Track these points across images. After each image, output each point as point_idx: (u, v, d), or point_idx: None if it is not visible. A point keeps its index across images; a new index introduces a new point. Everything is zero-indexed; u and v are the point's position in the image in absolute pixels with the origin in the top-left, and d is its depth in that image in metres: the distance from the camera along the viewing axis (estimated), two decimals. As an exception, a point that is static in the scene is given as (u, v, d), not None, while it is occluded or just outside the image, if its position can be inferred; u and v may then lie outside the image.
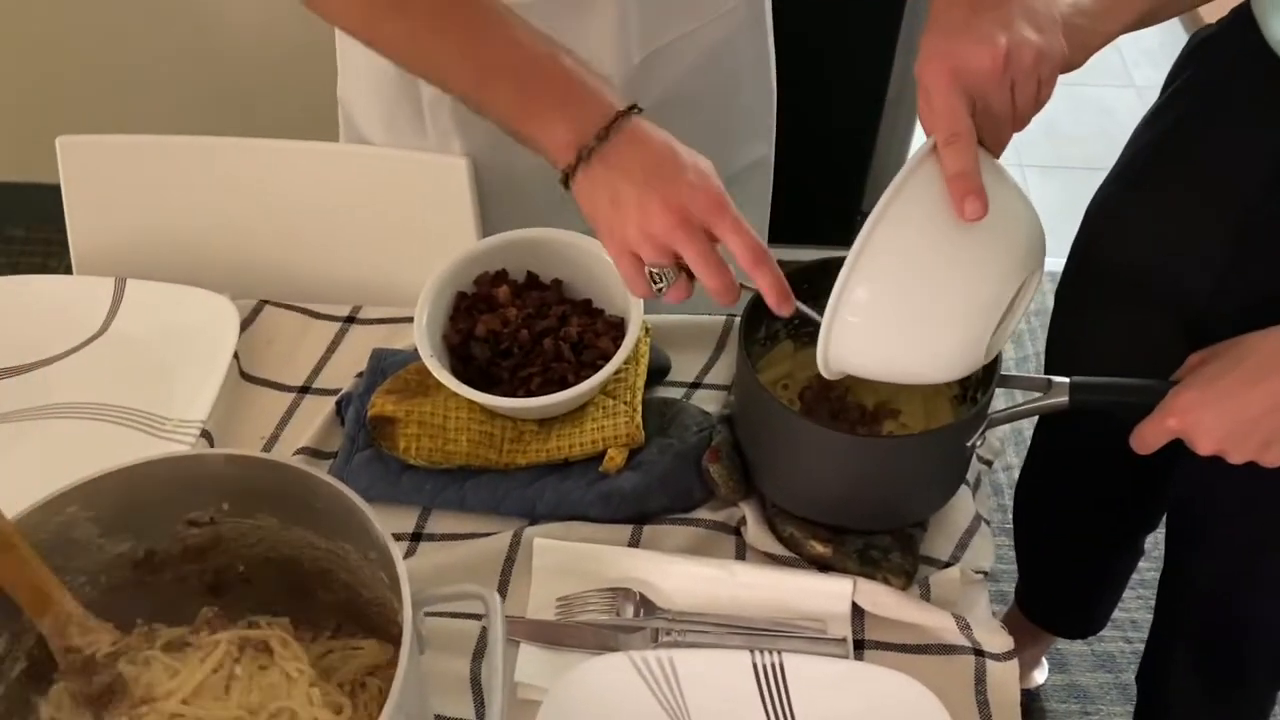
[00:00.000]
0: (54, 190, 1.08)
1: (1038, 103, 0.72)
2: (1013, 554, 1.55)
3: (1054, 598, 1.48)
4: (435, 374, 0.87)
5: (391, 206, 1.08)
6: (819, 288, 0.90)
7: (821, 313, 0.74)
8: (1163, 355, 0.87)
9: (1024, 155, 2.61)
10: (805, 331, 0.93)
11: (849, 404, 0.90)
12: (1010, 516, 1.52)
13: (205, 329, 1.00)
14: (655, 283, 0.75)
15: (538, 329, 0.91)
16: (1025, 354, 2.19)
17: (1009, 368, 0.85)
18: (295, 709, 0.67)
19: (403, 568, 0.62)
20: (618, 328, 0.92)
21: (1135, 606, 1.79)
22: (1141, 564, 1.46)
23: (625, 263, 0.75)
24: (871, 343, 0.73)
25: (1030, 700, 1.67)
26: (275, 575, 0.75)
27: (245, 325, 1.02)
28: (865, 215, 0.72)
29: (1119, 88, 2.80)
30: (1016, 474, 1.46)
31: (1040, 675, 1.67)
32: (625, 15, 0.98)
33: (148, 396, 0.97)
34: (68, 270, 1.11)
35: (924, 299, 0.71)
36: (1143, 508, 1.30)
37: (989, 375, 0.82)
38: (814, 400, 0.90)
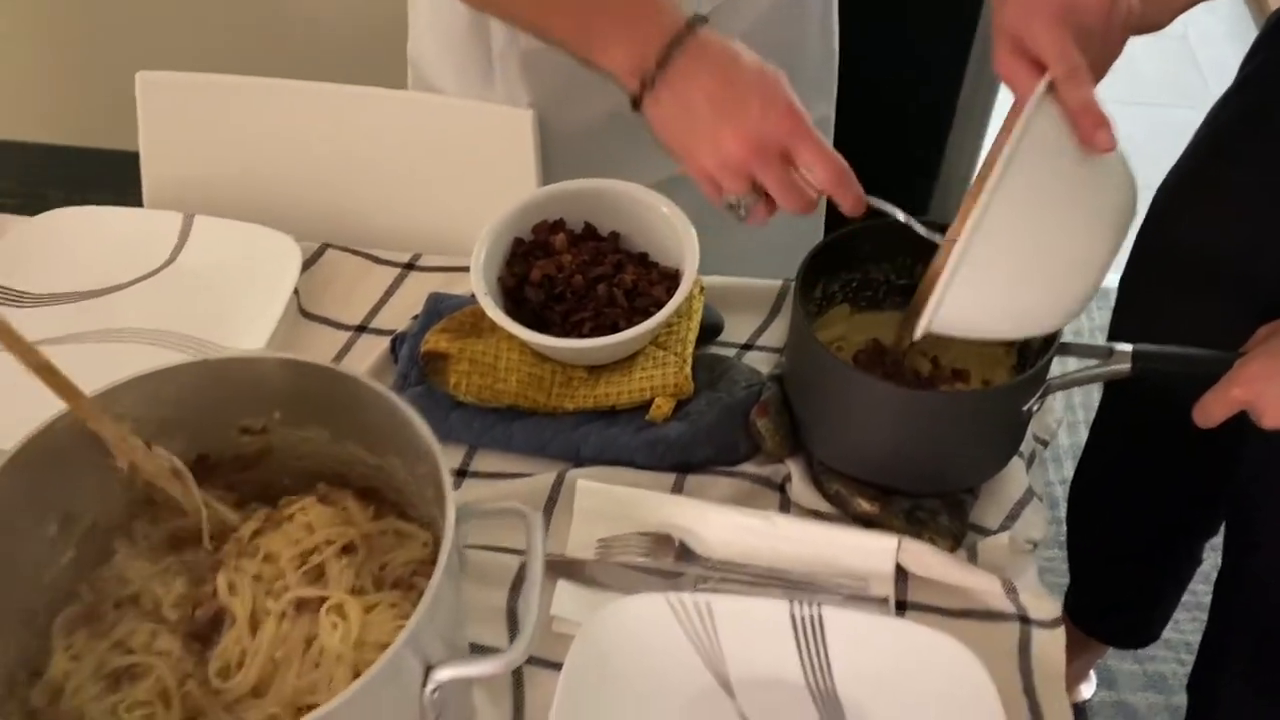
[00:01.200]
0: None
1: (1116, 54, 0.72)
2: (1064, 567, 1.52)
3: (1105, 604, 1.44)
4: (489, 312, 0.87)
5: (456, 156, 1.09)
6: (887, 248, 0.89)
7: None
8: (1232, 338, 0.84)
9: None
10: (864, 295, 0.93)
11: (904, 369, 0.88)
12: (1063, 529, 1.49)
13: (268, 266, 1.01)
14: (734, 209, 0.74)
15: (592, 275, 0.91)
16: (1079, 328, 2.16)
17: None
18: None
19: (448, 473, 0.62)
20: (672, 279, 0.92)
21: (1191, 629, 1.74)
22: (1200, 586, 1.42)
23: (706, 188, 0.76)
24: (993, 296, 0.71)
25: (1076, 715, 1.63)
26: (334, 492, 0.75)
27: (307, 266, 1.04)
28: (935, 180, 0.72)
29: (1199, 110, 2.75)
30: (1069, 489, 1.44)
31: (1087, 690, 1.63)
32: None
33: (208, 327, 0.99)
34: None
35: (1054, 243, 0.69)
36: (1201, 508, 1.26)
37: (1049, 341, 0.81)
38: (868, 364, 0.89)
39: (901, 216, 0.77)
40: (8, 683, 0.63)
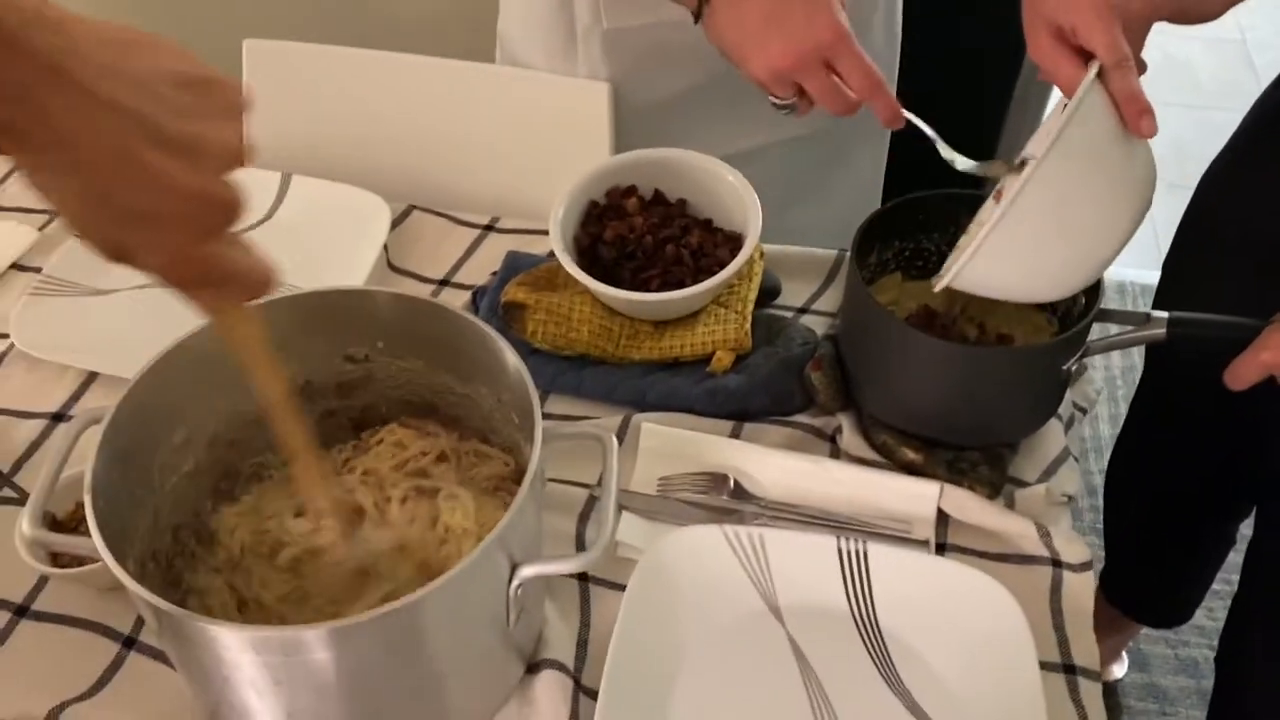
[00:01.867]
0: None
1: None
2: (1098, 551, 1.56)
3: (1139, 582, 1.49)
4: (565, 266, 0.94)
5: (536, 126, 1.17)
6: (939, 218, 0.95)
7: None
8: (1269, 316, 0.89)
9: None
10: (915, 265, 0.99)
11: (952, 334, 0.94)
12: (1100, 518, 1.53)
13: (360, 223, 1.09)
14: (781, 108, 0.84)
15: (661, 236, 0.98)
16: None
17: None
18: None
19: (535, 394, 0.70)
20: (735, 242, 0.98)
21: (1225, 616, 1.77)
22: (1235, 576, 1.46)
23: (756, 86, 0.84)
24: (1018, 263, 0.78)
25: (1107, 695, 1.67)
26: (413, 420, 0.83)
27: (395, 225, 1.12)
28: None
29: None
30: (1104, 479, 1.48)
31: (1119, 669, 1.67)
32: None
33: (305, 276, 1.05)
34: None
35: (1084, 219, 0.76)
36: (1233, 487, 1.30)
37: (1090, 304, 0.86)
38: (918, 328, 0.95)
39: (930, 132, 0.85)
40: (140, 566, 0.71)
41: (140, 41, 0.49)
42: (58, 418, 0.96)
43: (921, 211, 0.95)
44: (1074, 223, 0.76)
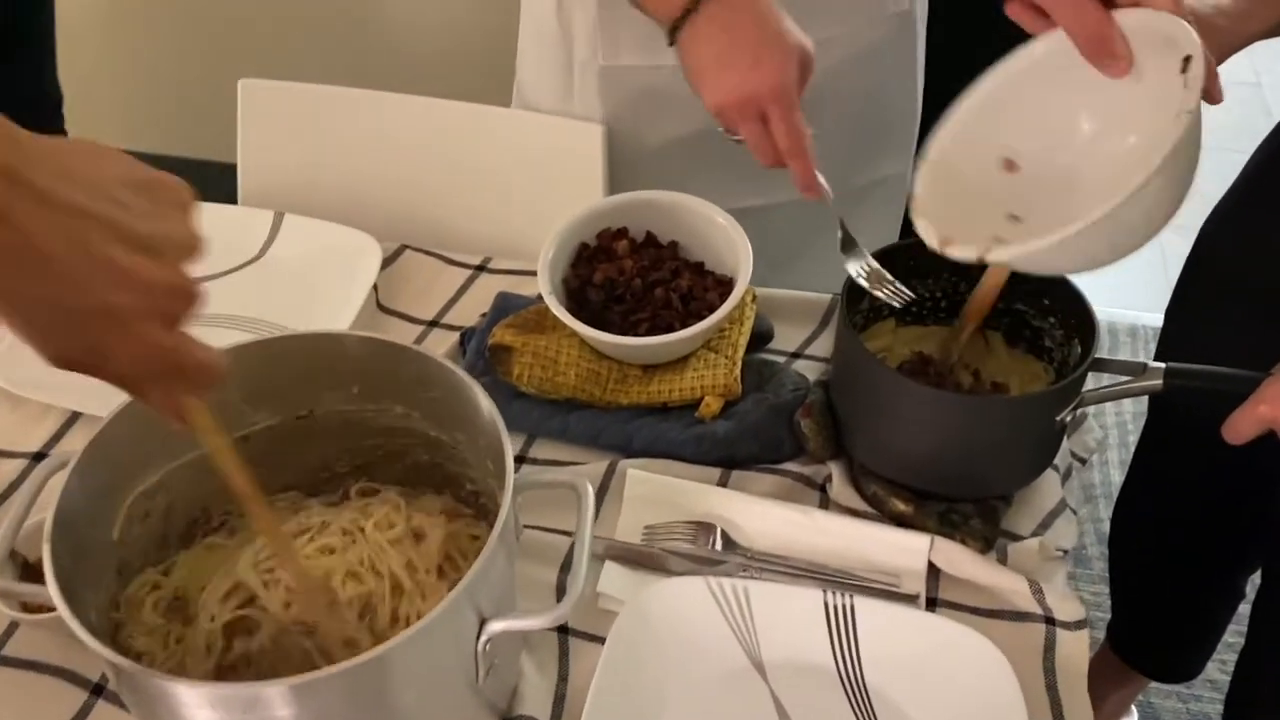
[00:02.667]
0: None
1: None
2: (1107, 601, 1.53)
3: (1147, 636, 1.45)
4: (553, 309, 0.93)
5: (529, 167, 1.16)
6: (932, 265, 0.93)
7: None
8: (1270, 364, 0.87)
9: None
10: (908, 310, 0.97)
11: (946, 382, 0.92)
12: (1106, 565, 1.50)
13: (350, 262, 1.09)
14: (730, 138, 0.87)
15: (650, 279, 0.97)
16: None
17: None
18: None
19: (508, 441, 0.68)
20: (726, 286, 0.97)
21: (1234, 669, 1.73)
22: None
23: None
24: (1095, 249, 0.75)
25: (1117, 750, 1.63)
26: (393, 469, 0.82)
27: (386, 264, 1.11)
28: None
29: None
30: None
31: (1129, 724, 1.63)
32: None
33: (294, 316, 1.06)
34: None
35: (1165, 209, 0.74)
36: (1240, 538, 1.27)
37: (1085, 353, 0.85)
38: (911, 375, 0.93)
39: (837, 216, 0.89)
40: (105, 613, 0.70)
41: (85, 150, 0.51)
42: (39, 457, 0.95)
43: (913, 257, 0.93)
44: (1150, 218, 0.74)
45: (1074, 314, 0.88)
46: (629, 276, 0.97)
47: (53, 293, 0.48)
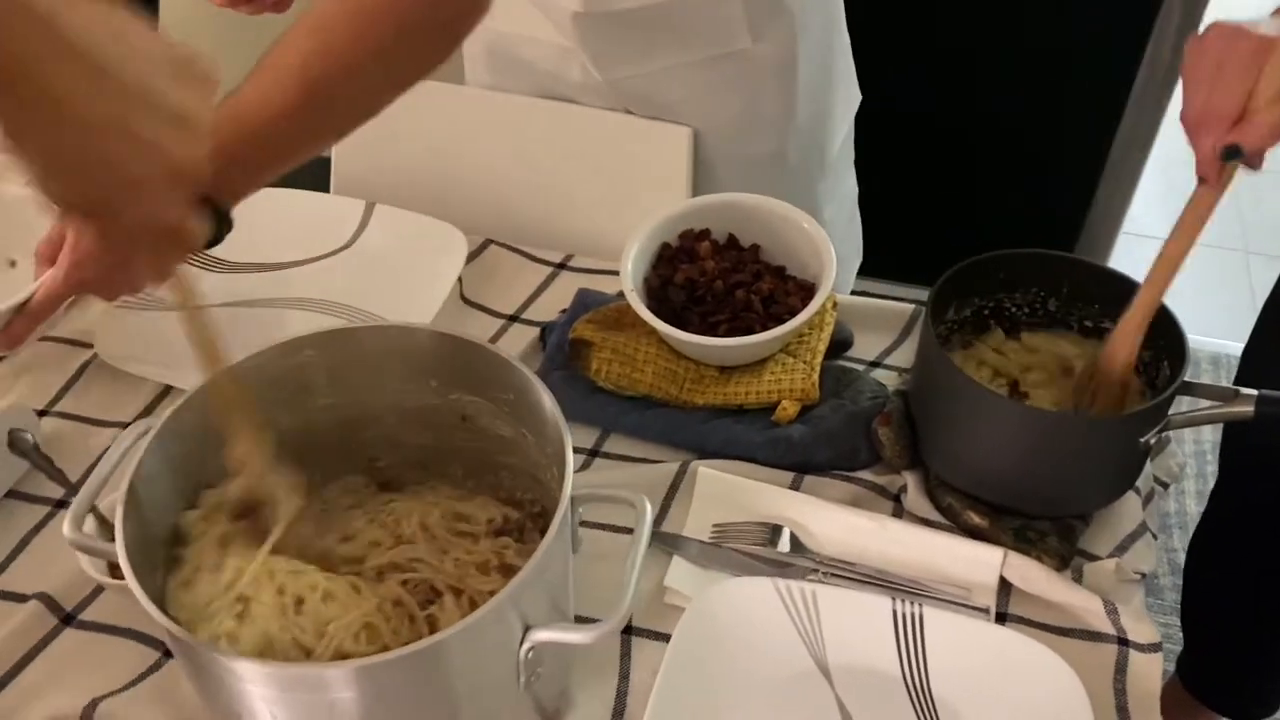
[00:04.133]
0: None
1: None
2: (1178, 633, 1.49)
3: (1220, 668, 1.41)
4: (634, 306, 0.94)
5: (615, 167, 1.17)
6: (1021, 277, 0.92)
7: None
8: None
9: (1250, 241, 2.53)
10: (993, 324, 0.95)
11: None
12: (1177, 595, 1.46)
13: (437, 254, 1.10)
14: None
15: (732, 281, 0.97)
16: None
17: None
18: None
19: (570, 451, 0.69)
20: (807, 291, 0.97)
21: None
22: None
23: None
24: None
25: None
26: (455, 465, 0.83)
27: (471, 257, 1.13)
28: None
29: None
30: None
31: (1199, 762, 1.58)
32: None
33: (380, 303, 1.08)
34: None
35: None
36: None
37: (1174, 375, 0.83)
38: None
39: None
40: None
41: (128, 17, 0.51)
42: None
43: (1003, 269, 0.93)
44: None
45: (1164, 335, 0.86)
46: (710, 278, 0.97)
47: (79, 150, 0.49)
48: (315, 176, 1.32)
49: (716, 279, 0.97)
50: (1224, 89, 0.70)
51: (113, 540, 0.64)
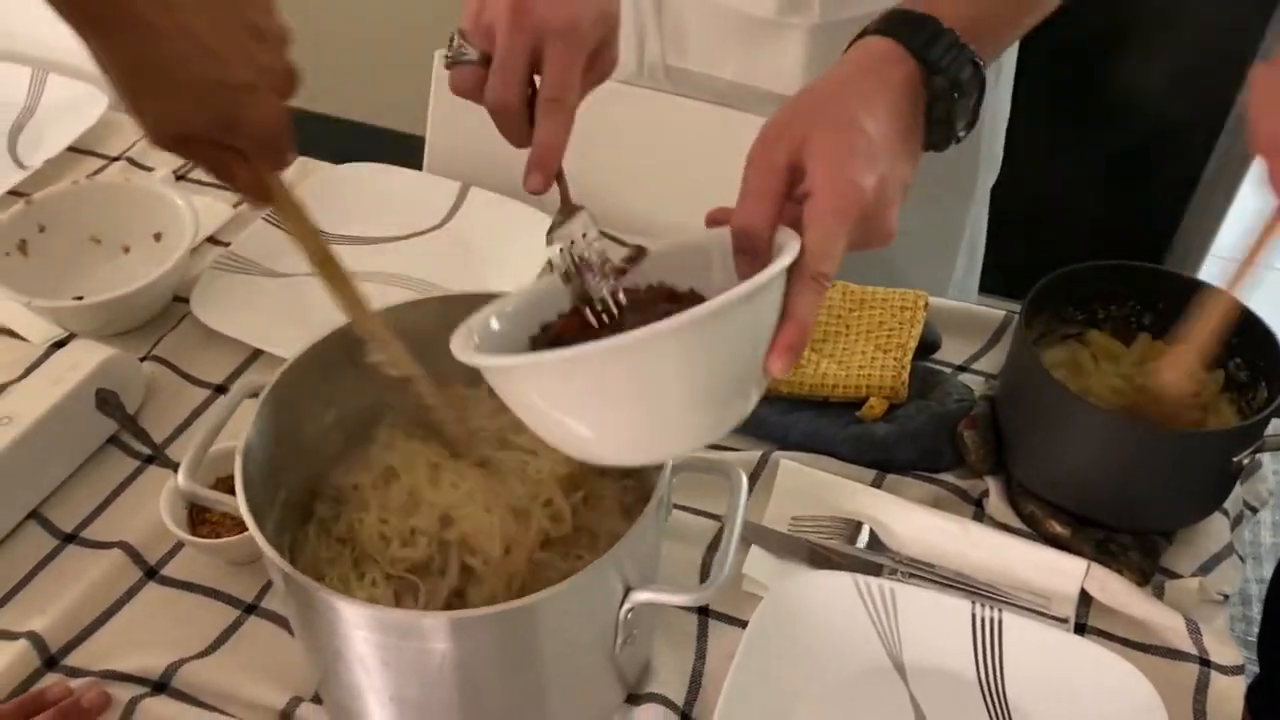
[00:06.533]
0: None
1: None
2: (1250, 665, 1.46)
3: (1295, 704, 1.38)
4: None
5: (709, 159, 1.17)
6: (1114, 291, 0.91)
7: None
8: None
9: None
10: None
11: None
12: (1250, 629, 1.43)
13: (527, 239, 1.12)
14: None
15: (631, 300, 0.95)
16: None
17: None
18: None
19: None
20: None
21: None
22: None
23: None
24: None
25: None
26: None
27: (561, 244, 1.14)
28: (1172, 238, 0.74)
29: None
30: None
31: (1263, 800, 1.55)
32: None
33: (468, 285, 1.10)
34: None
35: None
36: None
37: (1272, 395, 0.82)
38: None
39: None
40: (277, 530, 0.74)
41: None
42: (220, 390, 1.00)
43: (1097, 281, 0.92)
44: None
45: (1263, 355, 0.85)
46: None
47: (199, 70, 0.56)
48: (401, 155, 1.34)
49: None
50: None
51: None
